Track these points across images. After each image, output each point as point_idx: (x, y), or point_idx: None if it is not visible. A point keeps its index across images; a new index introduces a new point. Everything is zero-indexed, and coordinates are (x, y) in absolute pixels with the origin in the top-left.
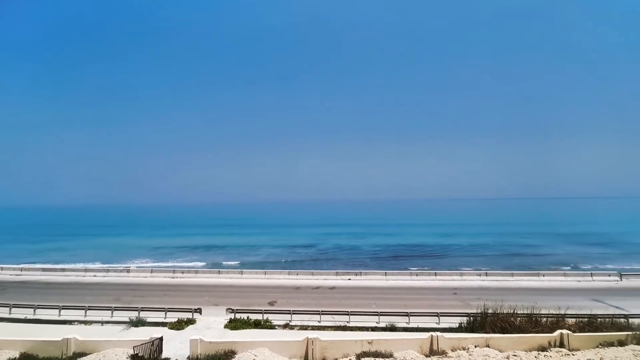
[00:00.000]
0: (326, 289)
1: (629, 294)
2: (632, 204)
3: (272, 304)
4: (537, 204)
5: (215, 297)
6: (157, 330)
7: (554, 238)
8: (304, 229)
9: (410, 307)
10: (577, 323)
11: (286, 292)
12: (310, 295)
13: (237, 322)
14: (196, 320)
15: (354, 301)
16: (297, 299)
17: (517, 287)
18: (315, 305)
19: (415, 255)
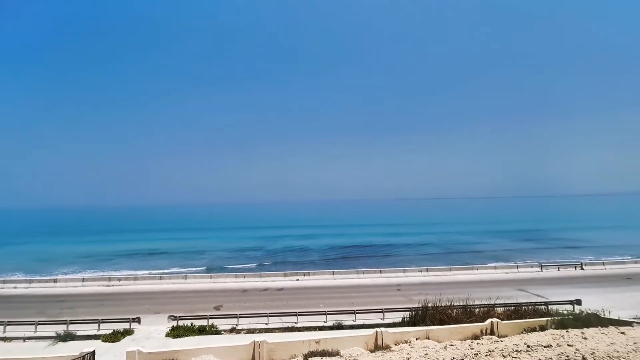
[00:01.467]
0: (274, 290)
1: (548, 283)
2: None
3: (218, 309)
4: (487, 203)
5: (156, 304)
6: (88, 344)
7: (490, 235)
8: (253, 231)
9: (357, 304)
10: (505, 312)
11: (233, 296)
12: (258, 298)
13: (180, 330)
14: (134, 330)
15: (303, 301)
16: (245, 302)
17: (454, 281)
18: (263, 308)
19: (363, 254)
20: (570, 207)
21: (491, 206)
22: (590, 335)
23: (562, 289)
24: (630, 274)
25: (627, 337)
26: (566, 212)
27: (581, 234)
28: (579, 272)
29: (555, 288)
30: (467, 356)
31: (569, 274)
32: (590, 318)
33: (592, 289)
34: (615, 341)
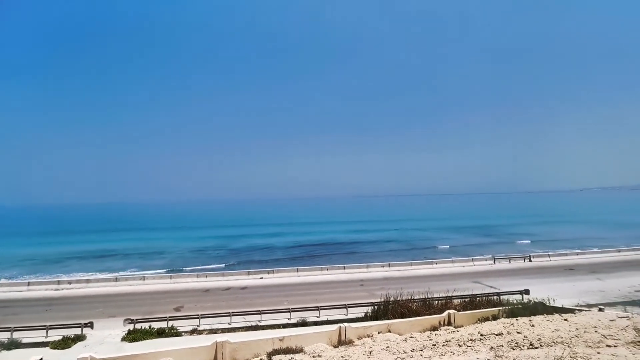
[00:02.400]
0: (237, 289)
1: (500, 275)
2: (526, 199)
3: (178, 310)
4: (452, 199)
5: (111, 307)
6: (36, 351)
7: (450, 231)
8: (216, 230)
9: (321, 301)
10: (461, 303)
11: (195, 296)
12: (220, 297)
13: (137, 333)
14: (86, 335)
15: (267, 299)
16: (207, 302)
17: (415, 275)
18: (225, 307)
19: (328, 251)
20: (529, 203)
21: (456, 203)
22: (537, 322)
23: (513, 280)
24: (573, 265)
25: (570, 324)
26: (524, 208)
27: (532, 228)
28: (527, 263)
29: (507, 279)
30: (426, 347)
31: (519, 265)
32: (537, 306)
33: (539, 279)
34: (559, 327)
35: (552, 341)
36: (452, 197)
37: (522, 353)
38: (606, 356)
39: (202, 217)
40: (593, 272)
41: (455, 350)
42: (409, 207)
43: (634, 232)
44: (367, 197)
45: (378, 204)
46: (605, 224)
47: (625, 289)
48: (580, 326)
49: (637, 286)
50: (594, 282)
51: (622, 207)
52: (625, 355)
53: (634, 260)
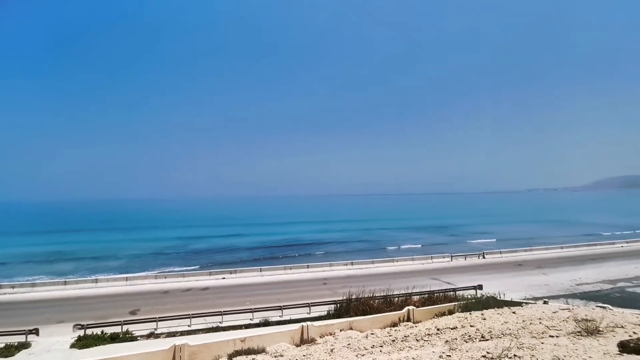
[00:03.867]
0: (198, 290)
1: (456, 272)
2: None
3: (134, 313)
4: (414, 199)
5: (60, 312)
6: None
7: (411, 230)
8: (176, 230)
9: (284, 300)
10: (420, 299)
11: (152, 298)
12: (180, 299)
13: (89, 339)
14: (31, 343)
15: (229, 300)
16: (165, 304)
17: (377, 273)
18: (185, 309)
19: (292, 250)
20: (482, 203)
21: (415, 203)
22: (488, 316)
23: (468, 276)
24: (521, 261)
25: (517, 316)
26: (478, 208)
27: (486, 227)
28: (481, 260)
29: (463, 275)
30: (386, 343)
31: (474, 262)
32: (489, 301)
33: (492, 275)
34: (508, 320)
35: (501, 333)
36: (412, 198)
37: (474, 345)
38: (549, 346)
39: (162, 217)
40: (539, 267)
41: (413, 345)
42: (374, 206)
43: (574, 230)
44: (334, 196)
45: (345, 203)
46: (550, 223)
47: (567, 282)
48: (527, 318)
49: (578, 280)
50: (540, 277)
51: (563, 207)
52: (566, 344)
53: (574, 256)
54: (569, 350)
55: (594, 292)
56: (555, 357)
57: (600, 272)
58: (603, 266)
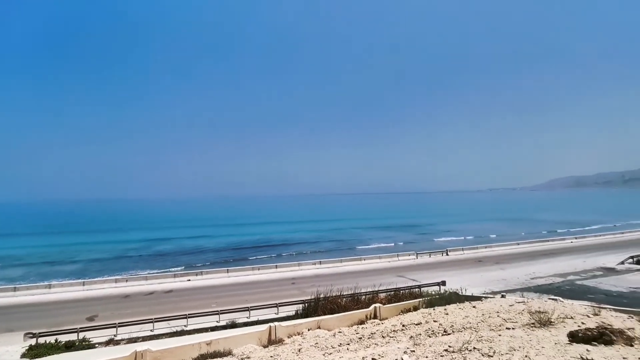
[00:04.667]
0: (162, 293)
1: (422, 269)
2: (443, 198)
3: (92, 319)
4: (380, 198)
5: (9, 321)
6: None
7: (379, 229)
8: (139, 232)
9: (252, 301)
10: (386, 296)
11: (112, 303)
12: (142, 303)
13: (41, 348)
14: None
15: (194, 303)
16: (127, 308)
17: (345, 271)
18: (147, 313)
19: (260, 251)
20: (446, 202)
21: (384, 202)
22: (450, 311)
23: (433, 272)
24: (482, 257)
25: (477, 310)
26: (442, 207)
27: (450, 225)
28: (445, 257)
29: (427, 272)
30: (353, 340)
31: (438, 259)
32: (451, 296)
33: (455, 271)
34: (468, 314)
35: (462, 327)
36: (381, 197)
37: (437, 340)
38: (506, 337)
39: (128, 218)
40: (497, 263)
41: (379, 341)
42: (345, 206)
43: (529, 227)
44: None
45: (317, 203)
46: (508, 221)
47: (523, 277)
48: (486, 312)
49: (532, 274)
50: (498, 272)
51: (520, 205)
52: (521, 335)
53: (529, 252)
54: (524, 341)
55: (547, 285)
56: (511, 348)
57: (552, 267)
58: (554, 261)
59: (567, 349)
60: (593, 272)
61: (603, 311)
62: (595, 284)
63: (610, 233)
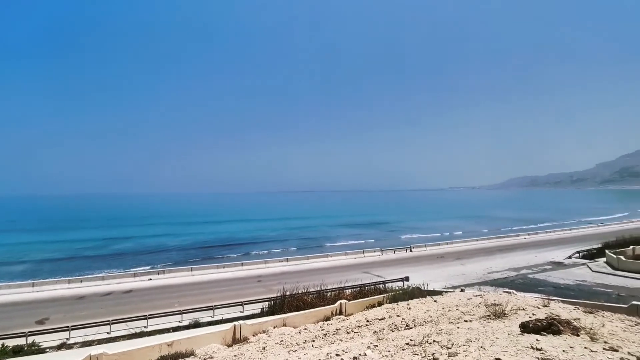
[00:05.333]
0: (120, 293)
1: (386, 265)
2: (407, 196)
3: (42, 322)
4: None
5: None
6: None
7: (346, 226)
8: (99, 231)
9: (217, 299)
10: (352, 292)
11: (65, 305)
12: (98, 304)
13: None
14: None
15: (155, 303)
16: (81, 310)
17: (311, 268)
18: (104, 315)
19: (226, 249)
20: (410, 200)
21: (351, 200)
22: (413, 305)
23: (397, 268)
24: (443, 253)
25: (438, 304)
26: (407, 204)
27: (414, 222)
28: (409, 253)
29: (392, 268)
30: (318, 337)
31: (402, 255)
32: (414, 291)
33: (418, 267)
34: (430, 308)
35: (424, 321)
36: (347, 195)
37: (400, 334)
38: (463, 330)
39: (87, 215)
40: (458, 258)
41: (344, 337)
42: (313, 203)
43: (488, 224)
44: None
45: (283, 200)
46: (468, 218)
47: (481, 271)
48: (446, 306)
49: (489, 269)
50: (459, 267)
51: (479, 203)
52: (478, 327)
53: (487, 247)
54: (480, 332)
55: (502, 279)
56: (468, 339)
57: (508, 261)
58: (510, 256)
59: (519, 339)
60: (543, 266)
61: (552, 303)
62: (545, 277)
63: (559, 230)
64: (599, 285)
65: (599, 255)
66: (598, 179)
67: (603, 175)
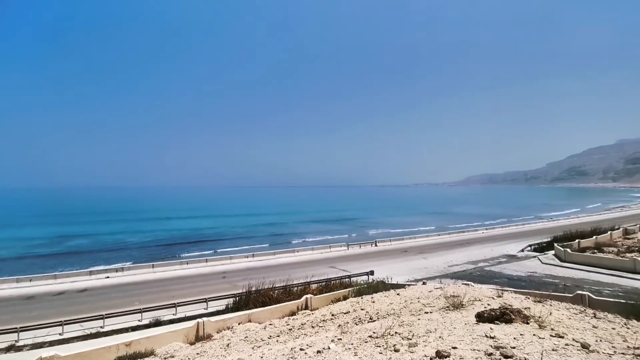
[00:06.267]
0: (74, 292)
1: (352, 259)
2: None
3: None
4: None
5: None
6: None
7: (313, 222)
8: (50, 227)
9: (180, 297)
10: (318, 287)
11: (13, 305)
12: (51, 304)
13: None
14: None
15: (113, 301)
16: (30, 311)
17: (278, 264)
18: (57, 315)
19: (189, 245)
20: (376, 196)
21: (318, 195)
22: (377, 299)
23: (362, 262)
24: (407, 248)
25: (401, 297)
26: (373, 200)
27: (379, 217)
28: (374, 248)
29: (357, 263)
30: (283, 332)
31: (367, 250)
32: (379, 285)
33: (382, 260)
34: (393, 301)
35: (387, 313)
36: (314, 190)
37: (363, 327)
38: (424, 321)
39: (30, 207)
40: (421, 252)
41: (308, 332)
42: (281, 199)
43: (449, 219)
44: (240, 187)
45: (250, 195)
46: (431, 213)
47: (442, 265)
48: (408, 298)
49: (450, 262)
50: (421, 261)
51: (442, 199)
52: (437, 318)
53: (448, 242)
54: (439, 323)
55: (462, 272)
56: (428, 330)
57: (467, 255)
58: (469, 249)
59: (475, 329)
60: (499, 259)
61: (505, 293)
62: (500, 270)
63: (514, 224)
64: (548, 276)
65: (549, 248)
66: (549, 177)
67: (553, 173)
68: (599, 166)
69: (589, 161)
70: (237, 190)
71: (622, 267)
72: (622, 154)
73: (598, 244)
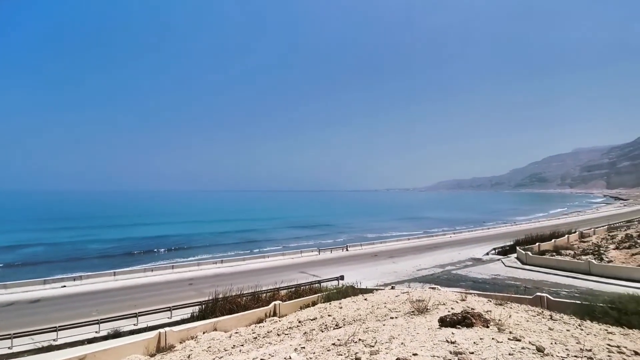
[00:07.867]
0: (26, 303)
1: (323, 264)
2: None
3: None
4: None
5: None
6: None
7: (284, 226)
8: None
9: (142, 306)
10: (287, 293)
11: None
12: None
13: None
14: None
15: (69, 312)
16: None
17: (247, 269)
18: (4, 328)
19: (155, 249)
20: (348, 201)
21: (291, 200)
22: (345, 304)
23: (333, 267)
24: (377, 252)
25: (368, 302)
26: (344, 205)
27: (351, 221)
28: (345, 252)
29: (328, 268)
30: (248, 341)
31: (338, 255)
32: (348, 290)
33: (353, 265)
34: (360, 307)
35: (353, 320)
36: (289, 195)
37: (328, 334)
38: (388, 327)
39: None
40: (391, 257)
41: (273, 340)
42: (253, 204)
43: (418, 223)
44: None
45: (218, 200)
46: (401, 218)
47: (411, 269)
48: (375, 303)
49: (418, 266)
50: (391, 265)
51: (412, 205)
52: (402, 324)
53: (418, 246)
54: (403, 329)
55: (429, 275)
56: (391, 336)
57: (435, 259)
58: (437, 254)
59: (437, 333)
60: (465, 262)
61: (469, 297)
62: (466, 273)
63: (480, 228)
64: (510, 278)
65: (512, 252)
66: (512, 183)
67: (516, 179)
68: (557, 173)
69: (549, 168)
70: (225, 194)
71: (577, 269)
72: (578, 161)
73: (556, 247)
